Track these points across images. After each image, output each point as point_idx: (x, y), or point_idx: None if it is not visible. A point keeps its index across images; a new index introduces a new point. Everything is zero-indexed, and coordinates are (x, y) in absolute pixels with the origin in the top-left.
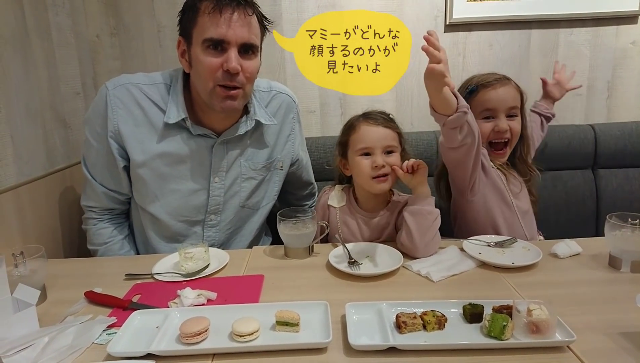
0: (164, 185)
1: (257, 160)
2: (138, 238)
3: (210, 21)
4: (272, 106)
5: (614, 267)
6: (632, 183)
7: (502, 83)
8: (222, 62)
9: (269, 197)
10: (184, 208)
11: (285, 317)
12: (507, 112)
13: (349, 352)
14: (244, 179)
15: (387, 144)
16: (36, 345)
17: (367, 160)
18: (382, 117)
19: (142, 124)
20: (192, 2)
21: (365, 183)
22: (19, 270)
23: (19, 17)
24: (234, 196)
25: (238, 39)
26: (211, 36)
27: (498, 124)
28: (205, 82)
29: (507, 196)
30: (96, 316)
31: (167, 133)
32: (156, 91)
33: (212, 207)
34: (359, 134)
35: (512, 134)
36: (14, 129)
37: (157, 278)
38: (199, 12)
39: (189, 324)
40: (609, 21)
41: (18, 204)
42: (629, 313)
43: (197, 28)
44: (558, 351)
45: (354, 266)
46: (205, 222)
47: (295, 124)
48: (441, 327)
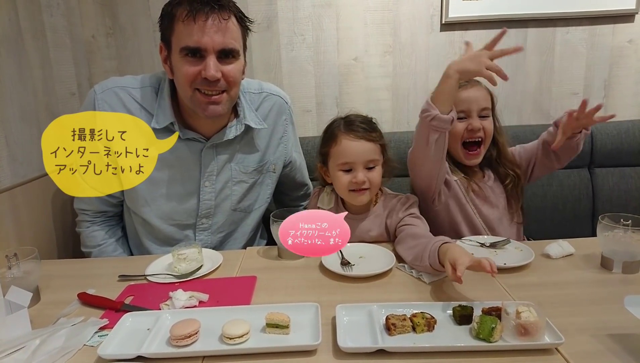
0: (154, 190)
1: (248, 163)
2: (132, 241)
3: (186, 29)
4: (263, 108)
5: (606, 268)
6: (628, 182)
7: (472, 84)
8: (200, 69)
9: (262, 200)
10: (174, 212)
11: (276, 319)
12: (479, 112)
13: (338, 354)
14: (235, 183)
15: (369, 159)
16: (28, 347)
17: (348, 175)
18: (364, 127)
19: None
20: (168, 8)
21: (344, 195)
22: (13, 272)
23: (13, 19)
24: (225, 199)
25: (215, 45)
26: (187, 45)
27: (471, 123)
28: (185, 90)
29: (467, 208)
30: (89, 318)
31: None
32: (144, 94)
33: (203, 211)
34: (340, 148)
35: (485, 134)
36: (8, 130)
37: (150, 279)
38: (175, 18)
39: (179, 326)
40: (606, 20)
41: (13, 205)
42: (618, 315)
43: (175, 36)
44: (546, 353)
45: (346, 267)
46: (197, 226)
47: (287, 126)
48: (430, 329)
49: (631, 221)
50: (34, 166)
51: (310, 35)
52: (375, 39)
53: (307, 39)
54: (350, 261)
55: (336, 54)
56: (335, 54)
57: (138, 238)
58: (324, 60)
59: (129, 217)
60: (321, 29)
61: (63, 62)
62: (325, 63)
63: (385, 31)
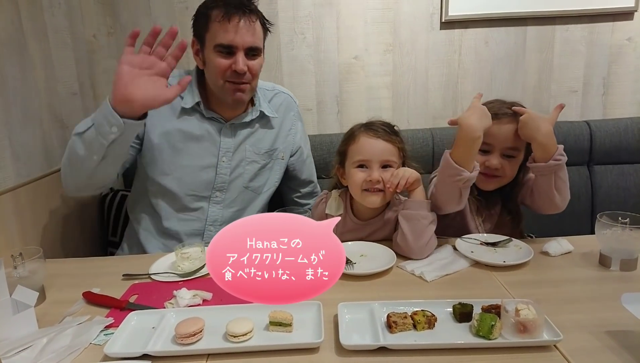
0: (177, 160)
1: (261, 146)
2: (142, 235)
3: (221, 28)
4: (275, 102)
5: (604, 266)
6: (627, 179)
7: (510, 120)
8: (231, 63)
9: (271, 183)
10: (193, 182)
11: (279, 317)
12: (503, 151)
13: (340, 352)
14: (248, 162)
15: (385, 159)
16: (35, 345)
17: (363, 173)
18: (384, 129)
19: (163, 108)
20: (203, 9)
21: (357, 194)
22: (18, 272)
23: (15, 20)
24: (238, 177)
25: (245, 43)
26: (221, 42)
27: (490, 159)
28: (216, 79)
29: (471, 226)
30: (94, 316)
31: (183, 114)
32: (178, 79)
33: (218, 184)
34: (357, 145)
35: (504, 174)
36: (11, 131)
37: (153, 278)
38: (210, 19)
39: (184, 325)
40: (605, 17)
41: (17, 205)
42: (616, 312)
43: (209, 34)
44: (545, 350)
45: (348, 265)
46: (211, 198)
47: (296, 121)
48: (431, 327)
49: (629, 219)
50: (37, 165)
51: (311, 34)
52: (375, 38)
53: (308, 37)
54: (352, 260)
55: (336, 53)
56: (335, 53)
57: (151, 207)
58: (325, 59)
59: (141, 187)
60: (321, 28)
61: (65, 62)
62: (326, 62)
63: (385, 30)
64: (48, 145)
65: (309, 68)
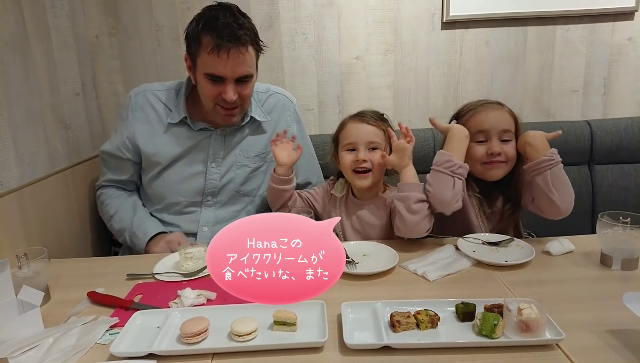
0: (166, 170)
1: (251, 150)
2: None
3: (210, 59)
4: (268, 104)
5: (605, 265)
6: (627, 179)
7: (494, 107)
8: (220, 91)
9: (265, 187)
10: (183, 189)
11: (283, 317)
12: (500, 135)
13: (344, 351)
14: (238, 166)
15: (370, 140)
16: (41, 345)
17: (351, 155)
18: (371, 115)
19: (154, 122)
20: (194, 32)
21: (348, 176)
22: (23, 272)
23: (18, 21)
24: (229, 182)
25: (234, 74)
26: (211, 72)
27: (491, 146)
28: (207, 102)
29: (475, 225)
30: (99, 316)
31: (173, 128)
32: (168, 95)
33: (209, 189)
34: (346, 131)
35: (507, 158)
36: (15, 131)
37: (158, 278)
38: (201, 45)
39: (189, 324)
40: (606, 17)
41: (21, 206)
42: (617, 311)
43: (200, 60)
44: (547, 349)
45: (350, 265)
46: (202, 203)
47: (291, 122)
48: (434, 326)
49: (630, 219)
50: (41, 166)
51: (312, 35)
52: (376, 38)
53: (309, 38)
54: (355, 260)
55: (338, 53)
56: (336, 53)
57: (149, 209)
58: (326, 59)
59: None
60: (323, 28)
61: (67, 63)
62: (327, 62)
63: (386, 30)
64: (51, 145)
65: (310, 68)
